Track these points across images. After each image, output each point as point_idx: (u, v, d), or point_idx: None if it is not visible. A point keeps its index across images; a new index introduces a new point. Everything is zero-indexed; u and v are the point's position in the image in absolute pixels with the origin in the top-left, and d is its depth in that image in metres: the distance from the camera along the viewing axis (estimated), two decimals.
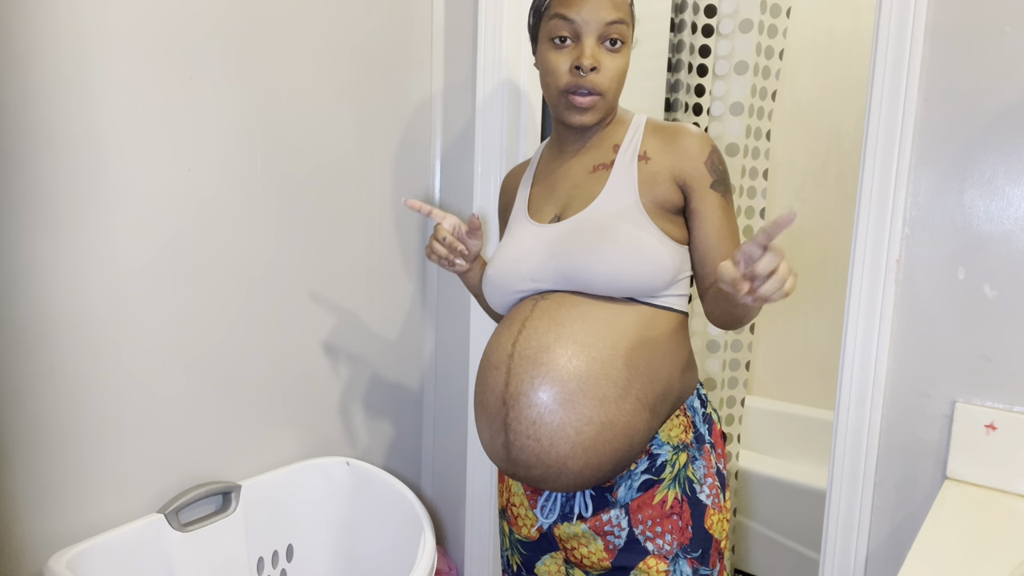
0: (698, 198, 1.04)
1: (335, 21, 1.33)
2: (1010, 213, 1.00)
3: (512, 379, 0.95)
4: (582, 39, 1.00)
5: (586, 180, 1.08)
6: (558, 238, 1.03)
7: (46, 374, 1.00)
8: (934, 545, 0.86)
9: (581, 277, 0.99)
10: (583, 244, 0.99)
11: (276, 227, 1.28)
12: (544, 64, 1.05)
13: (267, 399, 1.30)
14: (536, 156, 1.20)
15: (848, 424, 1.12)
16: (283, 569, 1.29)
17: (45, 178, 0.97)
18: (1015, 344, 1.00)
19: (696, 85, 1.90)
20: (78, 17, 0.98)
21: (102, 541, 1.03)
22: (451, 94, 1.56)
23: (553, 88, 1.04)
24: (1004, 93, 0.99)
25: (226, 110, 1.17)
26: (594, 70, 1.00)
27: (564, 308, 0.98)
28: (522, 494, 1.07)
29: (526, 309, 1.02)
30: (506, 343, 0.99)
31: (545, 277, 1.02)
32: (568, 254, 1.00)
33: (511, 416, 0.94)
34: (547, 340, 0.96)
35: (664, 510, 0.99)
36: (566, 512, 1.02)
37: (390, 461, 1.61)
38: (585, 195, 1.06)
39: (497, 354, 0.99)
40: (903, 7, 1.03)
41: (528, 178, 1.17)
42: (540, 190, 1.13)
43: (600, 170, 1.08)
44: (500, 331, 1.03)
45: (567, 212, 1.06)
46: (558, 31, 1.01)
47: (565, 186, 1.09)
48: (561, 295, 1.00)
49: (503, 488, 1.13)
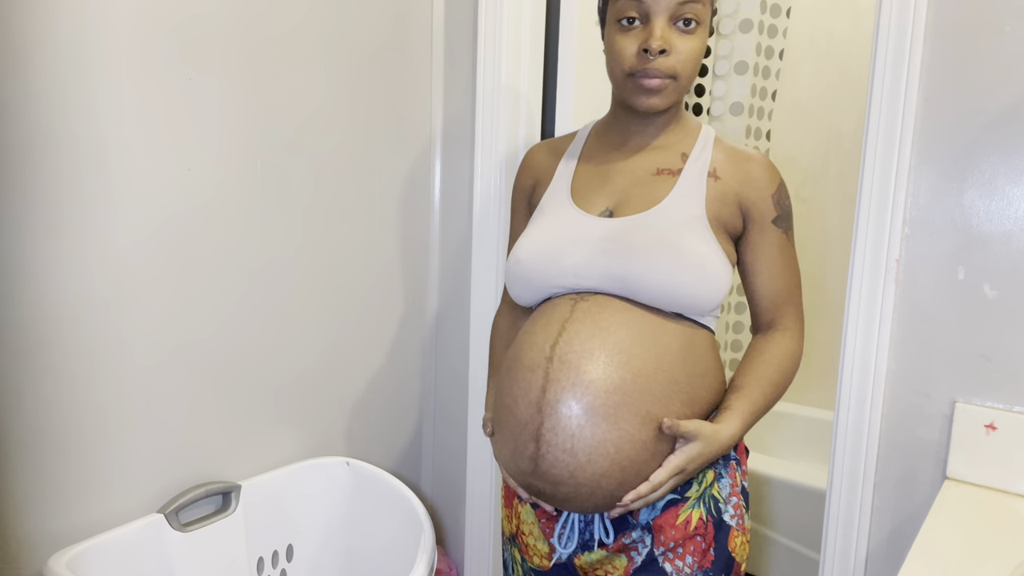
0: (758, 231, 1.01)
1: (335, 21, 1.33)
2: (1010, 213, 1.00)
3: (551, 385, 0.87)
4: (651, 20, 0.93)
5: (648, 180, 1.01)
6: (612, 235, 0.95)
7: (46, 374, 1.00)
8: (934, 545, 0.86)
9: (634, 282, 0.92)
10: (642, 248, 0.92)
11: (276, 227, 1.28)
12: (610, 47, 0.97)
13: (267, 399, 1.30)
14: (581, 137, 1.11)
15: (848, 424, 1.12)
16: (283, 569, 1.29)
17: (45, 178, 0.97)
18: (1015, 344, 1.00)
19: (696, 85, 1.90)
20: (78, 17, 0.98)
21: (102, 541, 1.03)
22: (451, 94, 1.56)
23: (618, 72, 0.97)
24: (1004, 93, 0.99)
25: (226, 110, 1.17)
26: (663, 53, 0.92)
27: (607, 313, 0.91)
28: (533, 522, 1.00)
29: (564, 309, 0.93)
30: (543, 344, 0.90)
31: (591, 275, 0.94)
32: (623, 255, 0.93)
33: (546, 426, 0.86)
34: (591, 346, 0.88)
35: (688, 531, 0.93)
36: (585, 540, 0.96)
37: (390, 461, 1.61)
38: (646, 196, 0.99)
39: (532, 355, 0.91)
40: (903, 7, 1.03)
41: (571, 159, 1.08)
42: (588, 177, 1.04)
43: (665, 174, 1.01)
44: (534, 331, 0.94)
45: (623, 209, 0.99)
46: (625, 11, 0.94)
47: (622, 181, 1.02)
48: (604, 298, 0.93)
49: (510, 514, 1.06)
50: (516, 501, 1.04)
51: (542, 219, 1.03)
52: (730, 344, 1.92)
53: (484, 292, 1.50)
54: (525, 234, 1.03)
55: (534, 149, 1.16)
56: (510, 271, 1.02)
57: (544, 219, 1.03)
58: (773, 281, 1.03)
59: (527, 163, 1.15)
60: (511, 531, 1.06)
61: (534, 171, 1.13)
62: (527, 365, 0.90)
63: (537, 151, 1.15)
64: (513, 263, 1.01)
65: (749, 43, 1.82)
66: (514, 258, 1.01)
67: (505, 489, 1.08)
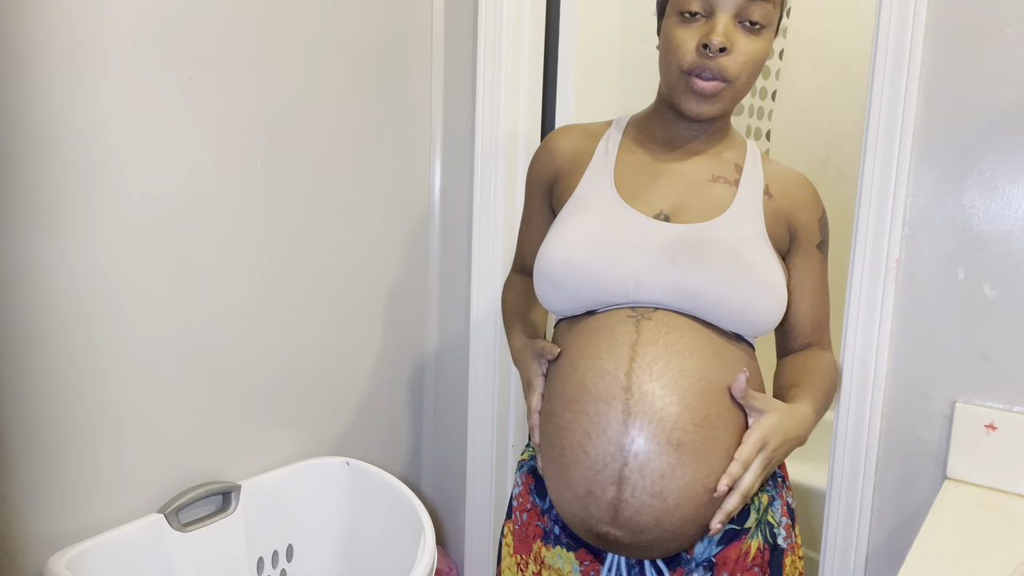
0: (803, 254, 0.98)
1: (335, 21, 1.33)
2: (1010, 213, 1.00)
3: (634, 419, 0.76)
4: (715, 14, 0.85)
5: (705, 187, 0.94)
6: (679, 243, 0.87)
7: (46, 374, 1.00)
8: (934, 545, 0.86)
9: (708, 299, 0.84)
10: (716, 265, 0.85)
11: (276, 226, 1.28)
12: (667, 40, 0.89)
13: (267, 399, 1.30)
14: (619, 128, 1.01)
15: (848, 424, 1.12)
16: (283, 569, 1.29)
17: (45, 178, 0.97)
18: (1015, 344, 1.00)
19: None
20: (78, 17, 0.98)
21: (102, 541, 1.03)
22: (451, 93, 1.56)
23: (674, 67, 0.88)
24: (1004, 93, 0.99)
25: (226, 110, 1.17)
26: (724, 51, 0.84)
27: (677, 334, 0.82)
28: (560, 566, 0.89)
29: (627, 329, 0.83)
30: (614, 371, 0.79)
31: (655, 285, 0.85)
32: (696, 267, 0.84)
33: (631, 467, 0.76)
34: (671, 374, 0.79)
35: (746, 562, 0.86)
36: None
37: (390, 461, 1.61)
38: (707, 203, 0.92)
39: (604, 385, 0.79)
40: (903, 7, 1.03)
41: (609, 151, 0.98)
42: (634, 173, 0.95)
43: (722, 183, 0.94)
44: (596, 354, 0.82)
45: (681, 215, 0.91)
46: (688, 3, 0.86)
47: (675, 182, 0.94)
48: (669, 315, 0.84)
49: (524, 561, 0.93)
50: (539, 544, 0.92)
51: (586, 214, 0.91)
52: None
53: (484, 292, 1.50)
54: (565, 230, 0.91)
55: (560, 133, 1.04)
56: (554, 271, 0.88)
57: (586, 215, 0.91)
58: (816, 306, 1.01)
59: (551, 149, 1.03)
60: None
61: (558, 159, 1.01)
62: (598, 395, 0.79)
63: (564, 136, 1.03)
64: (559, 263, 0.87)
65: None
66: (561, 257, 0.88)
67: (519, 531, 0.96)
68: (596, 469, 0.77)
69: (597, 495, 0.77)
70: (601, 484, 0.77)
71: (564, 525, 0.90)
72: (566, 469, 0.80)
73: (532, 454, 0.99)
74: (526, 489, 0.96)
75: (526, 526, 0.95)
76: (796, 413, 0.84)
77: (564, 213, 0.95)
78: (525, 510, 0.96)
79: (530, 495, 0.95)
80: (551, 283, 0.89)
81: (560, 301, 0.90)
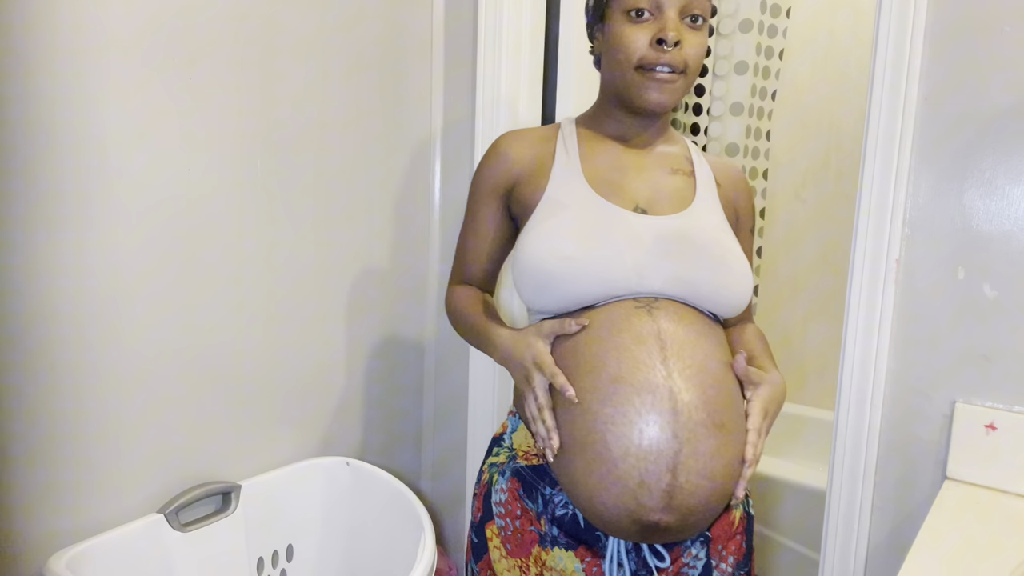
0: (742, 237, 1.07)
1: (335, 21, 1.33)
2: (1010, 213, 1.00)
3: (682, 406, 0.79)
4: (664, 11, 0.91)
5: (669, 180, 0.99)
6: (668, 236, 0.91)
7: (46, 374, 1.00)
8: (934, 545, 0.86)
9: (705, 288, 0.89)
10: (707, 255, 0.91)
11: (275, 227, 1.28)
12: (617, 40, 0.93)
13: (267, 399, 1.30)
14: (569, 131, 1.04)
15: (848, 424, 1.12)
16: (283, 569, 1.29)
17: (45, 178, 0.97)
18: (1015, 344, 1.00)
19: (696, 85, 1.90)
20: (78, 17, 0.98)
21: (102, 541, 1.03)
22: (451, 94, 1.56)
23: (626, 65, 0.92)
24: (1004, 93, 0.99)
25: (226, 110, 1.17)
26: (678, 45, 0.90)
27: (686, 321, 0.87)
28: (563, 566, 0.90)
29: (642, 319, 0.86)
30: (650, 362, 0.82)
31: (656, 277, 0.88)
32: (691, 260, 0.90)
33: (685, 452, 0.78)
34: (700, 359, 0.83)
35: (732, 531, 0.93)
36: (636, 570, 0.89)
37: (390, 461, 1.61)
38: (674, 196, 0.97)
39: (643, 376, 0.81)
40: (903, 7, 1.03)
41: (568, 151, 1.00)
42: (600, 170, 0.98)
43: (681, 174, 1.00)
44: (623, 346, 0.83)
45: (656, 207, 0.95)
46: (637, 2, 0.91)
47: (642, 176, 0.98)
48: (674, 305, 0.88)
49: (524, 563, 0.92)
50: (537, 549, 0.92)
51: (566, 213, 0.92)
52: None
53: None
54: (552, 228, 0.91)
55: (510, 137, 1.04)
56: (553, 270, 0.88)
57: (570, 212, 0.92)
58: None
59: (504, 154, 1.02)
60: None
61: (514, 164, 1.01)
62: (640, 386, 0.80)
63: (515, 140, 1.03)
64: (559, 261, 0.88)
65: (749, 43, 1.82)
66: (559, 255, 0.88)
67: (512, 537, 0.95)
68: (651, 459, 0.78)
69: (651, 484, 0.78)
70: (656, 473, 0.78)
71: (561, 524, 0.90)
72: (615, 463, 0.79)
73: (510, 455, 0.97)
74: (513, 495, 0.95)
75: (520, 532, 0.94)
76: (776, 381, 0.92)
77: (540, 214, 0.95)
78: (516, 516, 0.95)
79: (519, 500, 0.94)
80: (548, 281, 0.89)
81: (556, 300, 0.90)
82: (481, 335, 0.99)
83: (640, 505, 0.79)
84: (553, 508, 0.91)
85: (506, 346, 0.92)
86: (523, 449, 0.96)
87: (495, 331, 0.96)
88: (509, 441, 0.99)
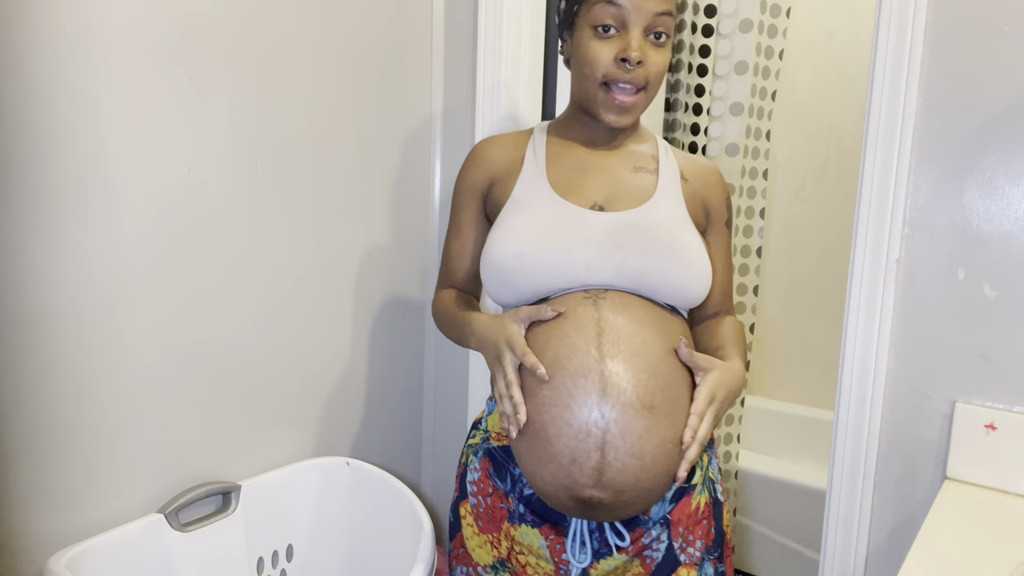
0: (714, 232, 1.09)
1: (335, 20, 1.33)
2: (1010, 213, 1.00)
3: (611, 388, 0.84)
4: (629, 29, 0.94)
5: (630, 176, 1.02)
6: (619, 230, 0.95)
7: (46, 374, 1.00)
8: (934, 545, 0.86)
9: (652, 279, 0.93)
10: (657, 246, 0.94)
11: (276, 227, 1.28)
12: (583, 53, 0.96)
13: (267, 399, 1.30)
14: (540, 135, 1.09)
15: (848, 424, 1.12)
16: (283, 569, 1.29)
17: (45, 178, 0.97)
18: (1015, 344, 1.00)
19: (696, 85, 1.90)
20: (78, 17, 0.98)
21: (102, 541, 1.03)
22: (451, 93, 1.56)
23: (592, 80, 0.96)
24: (1004, 93, 0.99)
25: (226, 110, 1.17)
26: (640, 63, 0.94)
27: (631, 310, 0.91)
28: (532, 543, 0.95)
29: (587, 308, 0.90)
30: (586, 348, 0.86)
31: (604, 269, 0.93)
32: (639, 251, 0.93)
33: (612, 432, 0.83)
34: (636, 345, 0.87)
35: (697, 516, 0.95)
36: (598, 548, 0.93)
37: (390, 461, 1.61)
38: (634, 192, 1.01)
39: (577, 361, 0.86)
40: (903, 7, 1.03)
41: (537, 155, 1.05)
42: (564, 172, 1.03)
43: (643, 172, 1.03)
44: (564, 334, 0.89)
45: (613, 204, 0.99)
46: (603, 18, 0.94)
47: (603, 176, 1.02)
48: (622, 295, 0.93)
49: (495, 539, 0.99)
50: (507, 524, 0.98)
51: (527, 212, 0.98)
52: None
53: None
54: (511, 227, 0.98)
55: (488, 143, 1.11)
56: (507, 265, 0.95)
57: (530, 212, 0.98)
58: (725, 277, 1.11)
59: (482, 158, 1.09)
60: (499, 556, 0.99)
61: (491, 166, 1.08)
62: (574, 370, 0.85)
63: (492, 145, 1.10)
64: (512, 257, 0.94)
65: (749, 43, 1.82)
66: (513, 251, 0.95)
67: (484, 514, 1.01)
68: (580, 438, 0.83)
69: (582, 462, 0.83)
70: (585, 451, 0.83)
71: (528, 503, 0.95)
72: (550, 442, 0.85)
73: (484, 436, 1.03)
74: (485, 473, 1.01)
75: (491, 509, 1.00)
76: (732, 367, 0.94)
77: (504, 214, 1.01)
78: (487, 494, 1.00)
79: (490, 479, 1.00)
80: (505, 276, 0.96)
81: (514, 293, 0.96)
82: (460, 326, 1.03)
83: (574, 482, 0.84)
84: (521, 487, 0.96)
85: (481, 330, 0.96)
86: (496, 431, 1.01)
87: (472, 318, 1.00)
88: (485, 424, 1.04)
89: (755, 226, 1.93)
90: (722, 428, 1.93)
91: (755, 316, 1.96)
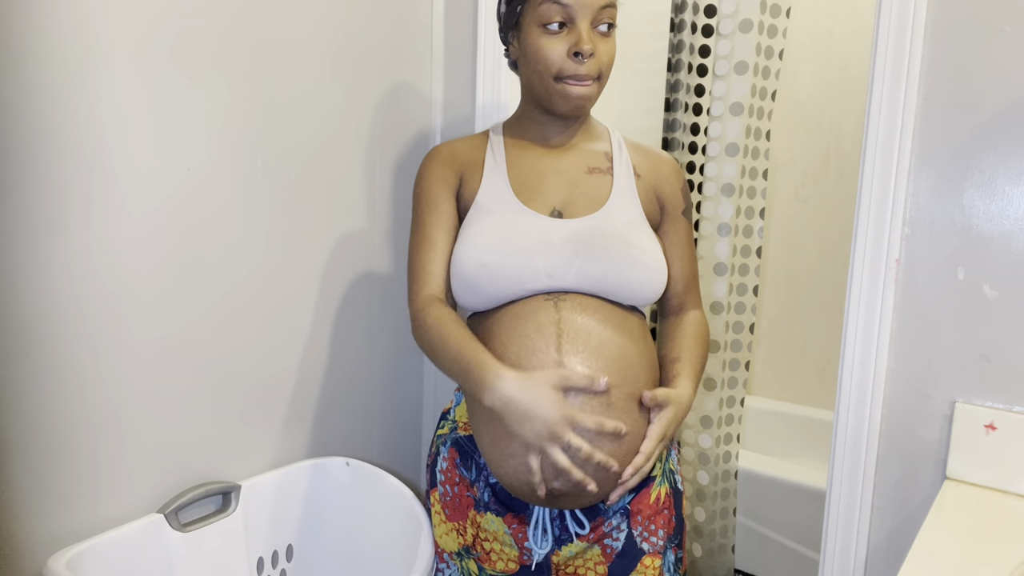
0: (670, 222, 1.11)
1: (335, 19, 1.33)
2: (1010, 213, 1.00)
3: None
4: (576, 23, 0.97)
5: (585, 180, 1.06)
6: (579, 236, 0.99)
7: (46, 374, 1.00)
8: (934, 545, 0.86)
9: (611, 282, 0.97)
10: (615, 250, 0.98)
11: (276, 227, 1.28)
12: (535, 51, 0.99)
13: (267, 399, 1.30)
14: (497, 136, 1.11)
15: (848, 424, 1.12)
16: (283, 569, 1.29)
17: (45, 178, 0.97)
18: (1015, 344, 1.00)
19: (696, 85, 1.90)
20: (78, 17, 0.98)
21: (102, 541, 1.03)
22: (451, 92, 1.56)
23: (545, 76, 1.00)
24: (1004, 93, 0.99)
25: (226, 110, 1.17)
26: (592, 55, 0.98)
27: (590, 311, 0.96)
28: (497, 529, 1.00)
29: (548, 311, 0.95)
30: (546, 348, 0.92)
31: (565, 275, 0.97)
32: (598, 257, 0.97)
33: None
34: (593, 344, 0.92)
35: (658, 507, 1.00)
36: (559, 535, 0.99)
37: (390, 461, 1.61)
38: (590, 196, 1.04)
39: (537, 361, 0.91)
40: (903, 7, 1.03)
41: (496, 158, 1.07)
42: (523, 175, 1.06)
43: (598, 173, 1.06)
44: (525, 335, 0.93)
45: (572, 209, 1.03)
46: (551, 16, 0.97)
47: (560, 181, 1.05)
48: (581, 297, 0.97)
49: (461, 527, 1.03)
50: (473, 512, 1.02)
51: (491, 218, 1.01)
52: (730, 344, 1.92)
53: None
54: (475, 235, 1.00)
55: (444, 147, 1.11)
56: (471, 275, 0.97)
57: (495, 219, 1.01)
58: (685, 268, 1.12)
59: (445, 158, 1.08)
60: (463, 543, 1.04)
61: (456, 165, 1.07)
62: (535, 369, 0.90)
63: (450, 147, 1.11)
64: (477, 267, 0.97)
65: (749, 43, 1.82)
66: (477, 261, 0.97)
67: (451, 502, 1.05)
68: None
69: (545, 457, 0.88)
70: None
71: (493, 492, 1.00)
72: (511, 438, 0.89)
73: (452, 427, 1.08)
74: (452, 463, 1.05)
75: (457, 497, 1.04)
76: (683, 401, 0.97)
77: (469, 219, 1.04)
78: (455, 483, 1.05)
79: (457, 469, 1.04)
80: (470, 285, 0.99)
81: (481, 302, 1.00)
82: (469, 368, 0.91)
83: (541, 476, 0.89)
84: (487, 476, 1.01)
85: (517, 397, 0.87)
86: (463, 421, 1.06)
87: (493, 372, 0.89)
88: (453, 414, 1.09)
89: (755, 226, 1.93)
90: (722, 428, 1.94)
91: (755, 316, 1.96)
